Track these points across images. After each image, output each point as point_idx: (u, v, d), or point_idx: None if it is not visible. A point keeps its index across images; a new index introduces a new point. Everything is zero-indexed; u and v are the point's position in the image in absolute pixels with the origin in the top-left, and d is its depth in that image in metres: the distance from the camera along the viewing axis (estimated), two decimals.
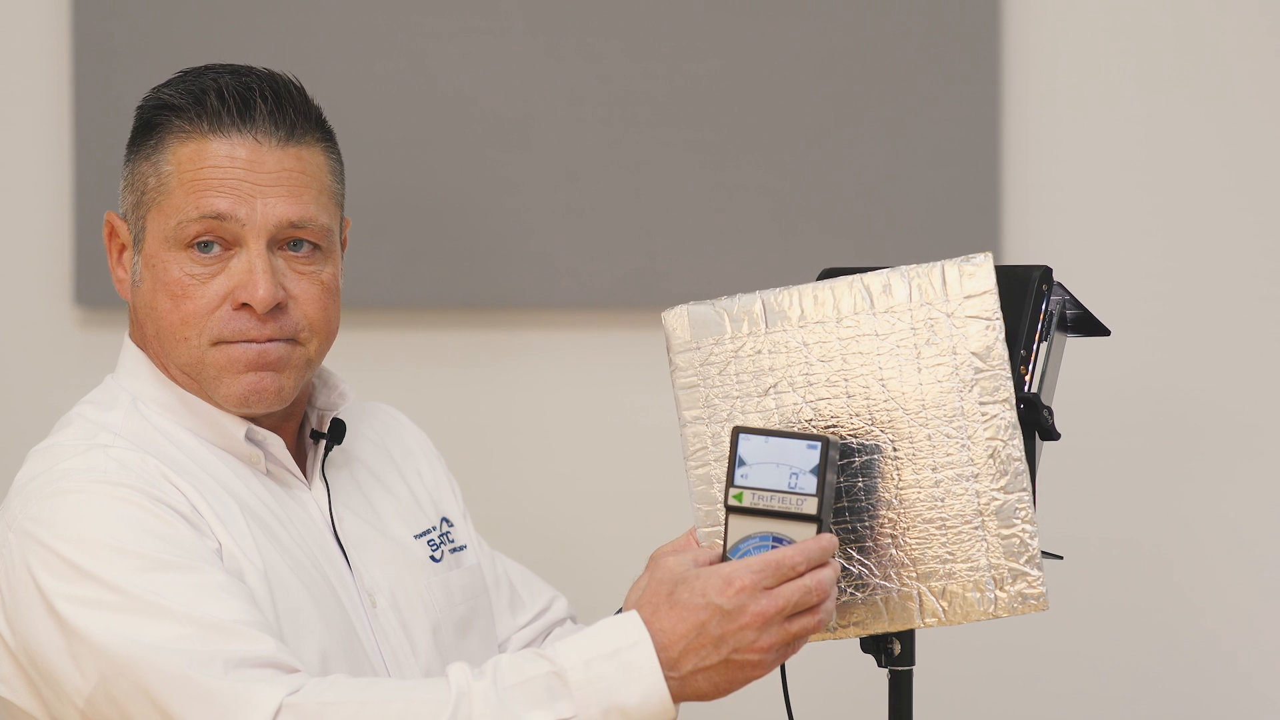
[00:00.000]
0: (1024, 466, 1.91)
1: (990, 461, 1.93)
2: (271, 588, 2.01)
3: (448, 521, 2.28)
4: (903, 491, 1.95)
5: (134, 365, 2.13)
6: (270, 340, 2.08)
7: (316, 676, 1.91)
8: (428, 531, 2.25)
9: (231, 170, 2.07)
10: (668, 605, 1.88)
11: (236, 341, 2.07)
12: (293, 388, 2.11)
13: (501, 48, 3.06)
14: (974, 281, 1.94)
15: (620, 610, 1.95)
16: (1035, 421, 1.95)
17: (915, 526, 1.95)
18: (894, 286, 1.96)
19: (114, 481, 1.99)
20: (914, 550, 1.95)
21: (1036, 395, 1.97)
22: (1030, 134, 3.13)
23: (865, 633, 1.96)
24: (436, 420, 2.73)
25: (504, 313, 3.08)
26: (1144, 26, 3.13)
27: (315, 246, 2.11)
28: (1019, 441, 1.92)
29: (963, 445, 1.94)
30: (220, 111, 2.07)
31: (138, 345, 2.14)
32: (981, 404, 1.93)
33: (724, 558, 1.90)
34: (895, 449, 1.95)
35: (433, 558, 2.23)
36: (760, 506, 1.89)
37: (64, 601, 1.92)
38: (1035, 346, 1.99)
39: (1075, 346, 2.12)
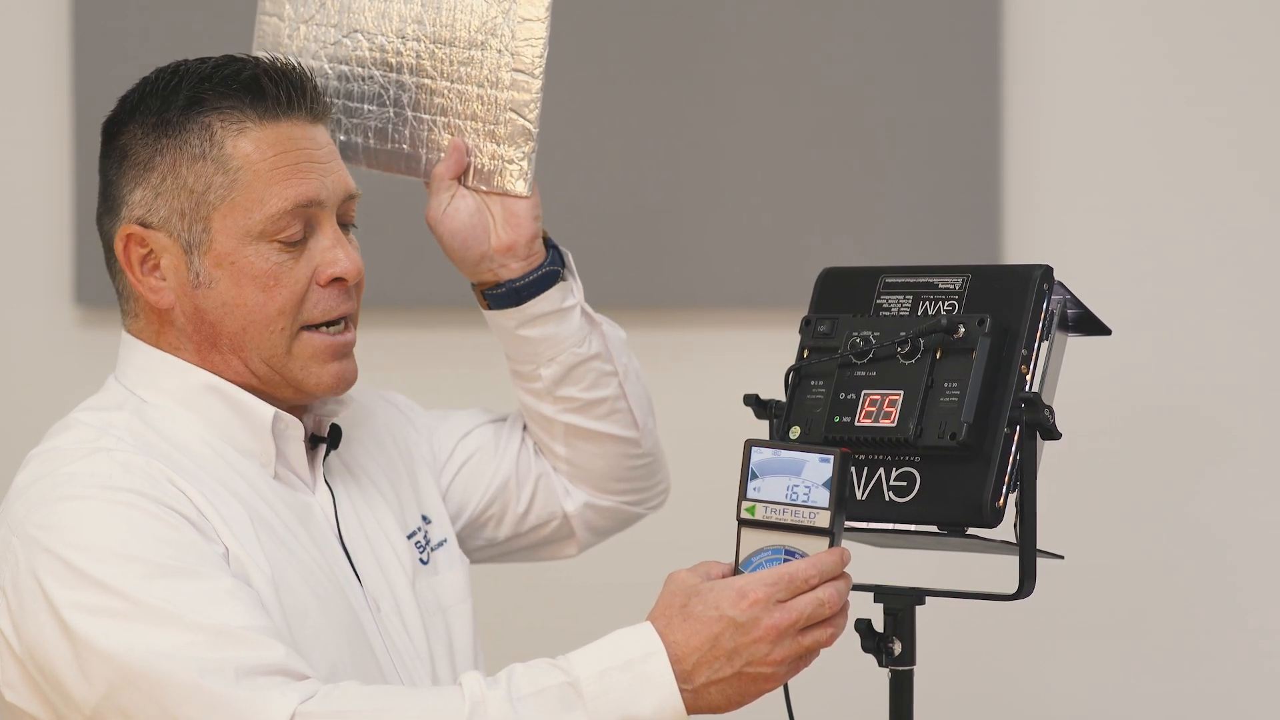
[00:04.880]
0: None
1: None
2: (279, 593, 2.00)
3: (426, 519, 2.27)
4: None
5: (144, 360, 2.10)
6: (348, 317, 2.11)
7: (327, 683, 1.90)
8: (414, 533, 2.24)
9: (303, 152, 2.08)
10: (681, 617, 1.88)
11: (321, 325, 2.09)
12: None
13: None
14: None
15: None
16: (1036, 421, 1.95)
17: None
18: None
19: (119, 486, 1.97)
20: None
21: (1038, 394, 1.97)
22: (1031, 133, 3.13)
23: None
24: None
25: None
26: (1144, 26, 3.14)
27: (352, 224, 2.15)
28: None
29: None
30: (278, 95, 2.08)
31: (148, 341, 2.12)
32: None
33: (736, 571, 1.90)
34: None
35: (421, 560, 2.22)
36: (773, 520, 1.89)
37: (71, 610, 1.90)
38: (1036, 346, 1.99)
39: (1076, 346, 2.12)
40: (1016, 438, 1.96)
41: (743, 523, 1.90)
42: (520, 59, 2.22)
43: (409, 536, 2.22)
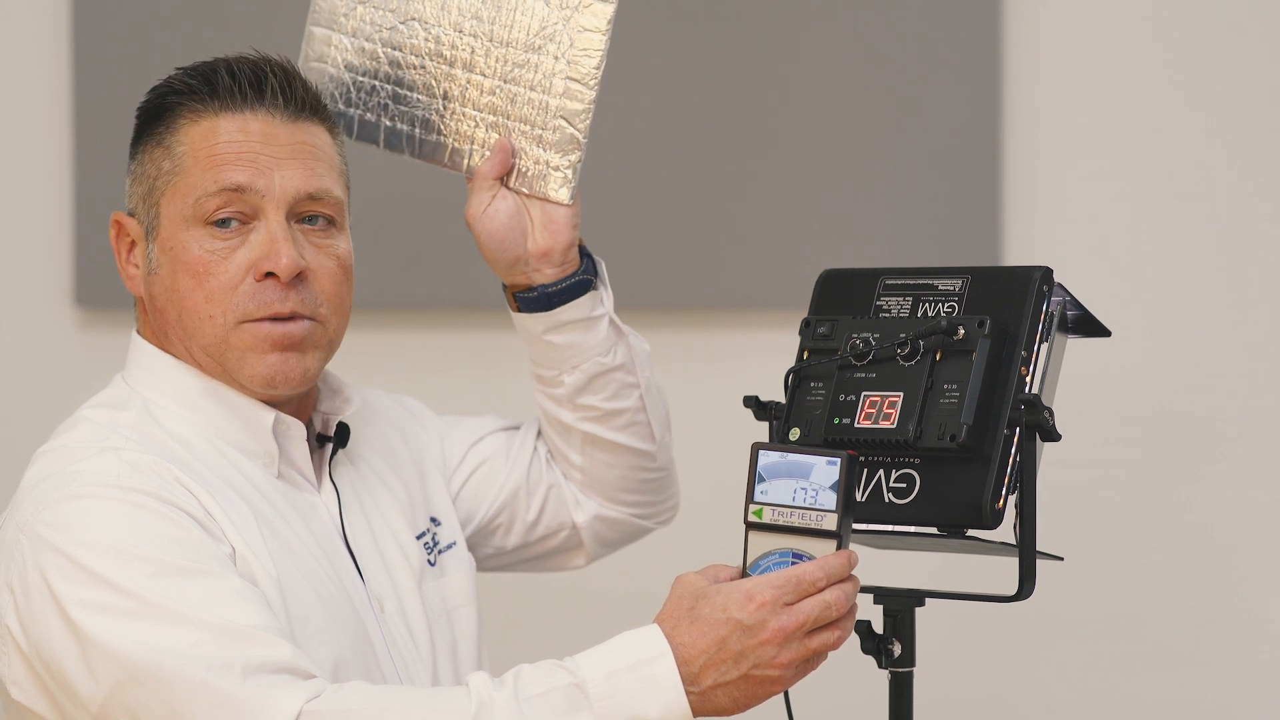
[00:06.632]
0: None
1: None
2: (284, 593, 2.00)
3: (435, 521, 2.27)
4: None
5: (149, 362, 2.11)
6: (294, 316, 2.07)
7: (333, 683, 1.91)
8: (422, 534, 2.24)
9: (247, 144, 2.07)
10: (688, 620, 1.88)
11: (262, 319, 2.06)
12: (316, 370, 2.10)
13: None
14: None
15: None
16: (1036, 422, 1.95)
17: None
18: None
19: (127, 486, 1.97)
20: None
21: (1037, 396, 1.97)
22: (1031, 135, 3.13)
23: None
24: None
25: (506, 313, 3.08)
26: (1144, 29, 3.14)
27: (330, 221, 2.12)
28: None
29: None
30: (233, 88, 2.08)
31: (152, 342, 2.13)
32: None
33: (744, 573, 1.90)
34: None
35: (429, 561, 2.22)
36: (780, 523, 1.89)
37: (78, 608, 1.91)
38: (1036, 347, 1.99)
39: (1076, 347, 2.12)
40: (1016, 439, 1.96)
41: (750, 525, 1.90)
42: (576, 68, 2.22)
43: (418, 537, 2.22)
